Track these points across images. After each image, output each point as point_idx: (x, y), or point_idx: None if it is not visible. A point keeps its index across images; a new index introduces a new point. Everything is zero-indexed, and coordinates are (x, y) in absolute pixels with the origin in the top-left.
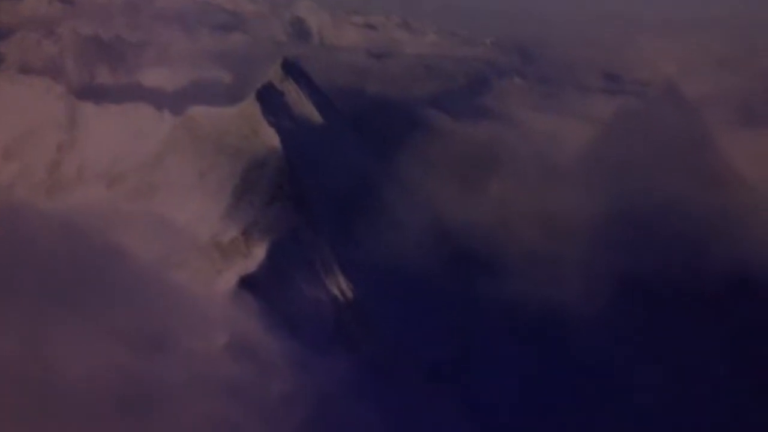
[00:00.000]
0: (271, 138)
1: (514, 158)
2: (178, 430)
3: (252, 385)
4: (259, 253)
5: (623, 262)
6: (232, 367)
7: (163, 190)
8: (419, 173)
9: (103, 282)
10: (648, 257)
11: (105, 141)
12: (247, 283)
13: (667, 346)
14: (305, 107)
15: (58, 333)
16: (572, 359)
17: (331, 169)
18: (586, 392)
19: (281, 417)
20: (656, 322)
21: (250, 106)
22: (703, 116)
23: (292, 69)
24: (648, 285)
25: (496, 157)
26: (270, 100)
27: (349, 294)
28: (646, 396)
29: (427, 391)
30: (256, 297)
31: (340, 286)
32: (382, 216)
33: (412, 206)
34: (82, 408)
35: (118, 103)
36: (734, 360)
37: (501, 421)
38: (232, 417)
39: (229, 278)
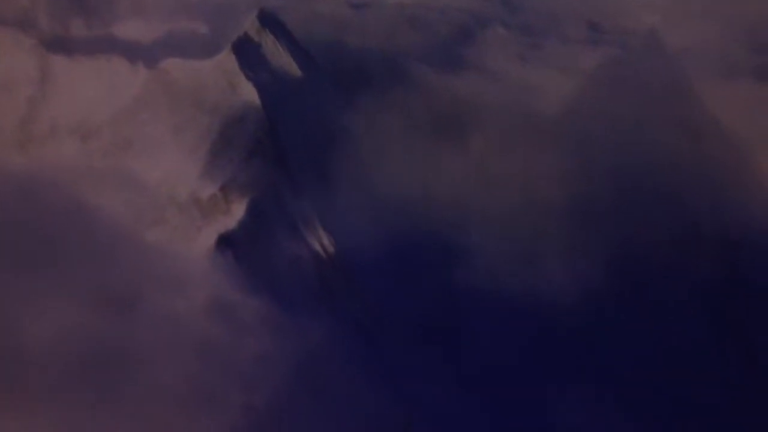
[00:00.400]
0: (249, 92)
1: (497, 111)
2: (151, 393)
3: (230, 346)
4: (238, 210)
5: (606, 219)
6: (209, 327)
7: (138, 146)
8: (401, 127)
9: (76, 242)
10: (631, 212)
11: (78, 95)
12: (225, 241)
13: (655, 318)
14: (283, 60)
15: (26, 296)
16: (560, 330)
17: (310, 123)
18: (574, 356)
19: (260, 378)
20: (639, 282)
21: (227, 59)
22: (686, 67)
23: (268, 20)
24: (632, 240)
25: (479, 111)
26: (247, 52)
27: (331, 250)
28: (634, 365)
29: (413, 352)
30: (235, 255)
31: (321, 242)
32: (364, 171)
33: (394, 161)
34: (48, 372)
35: (90, 56)
36: (718, 319)
37: (489, 383)
38: (208, 379)
39: (209, 235)
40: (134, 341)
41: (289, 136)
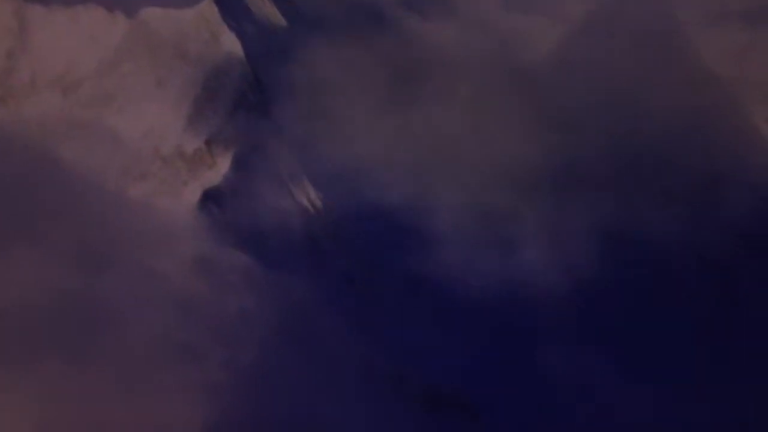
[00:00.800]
0: (231, 43)
1: (484, 60)
2: (134, 349)
3: (215, 302)
4: (223, 163)
5: (597, 177)
6: (194, 283)
7: (120, 99)
8: (388, 77)
9: (57, 197)
10: (623, 169)
11: (57, 47)
12: (211, 195)
13: (656, 296)
14: (267, 9)
15: (6, 253)
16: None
17: (295, 74)
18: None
19: (244, 334)
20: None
21: (208, 8)
22: (675, 12)
23: None
24: (626, 204)
25: (465, 59)
26: (229, 1)
27: (318, 204)
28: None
29: (400, 303)
30: (221, 210)
31: (309, 196)
32: (350, 123)
33: (380, 112)
34: (30, 328)
35: (68, 6)
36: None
37: (477, 332)
38: (192, 335)
39: (194, 190)
40: (117, 297)
41: (273, 87)
